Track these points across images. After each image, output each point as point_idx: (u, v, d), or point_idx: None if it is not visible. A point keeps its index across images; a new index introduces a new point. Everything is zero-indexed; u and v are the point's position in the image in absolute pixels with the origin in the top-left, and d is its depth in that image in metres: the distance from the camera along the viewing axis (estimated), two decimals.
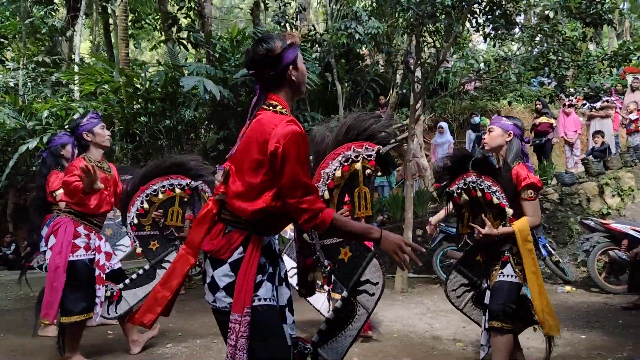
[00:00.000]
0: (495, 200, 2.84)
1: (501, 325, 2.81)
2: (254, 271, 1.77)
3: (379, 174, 2.44)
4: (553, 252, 6.67)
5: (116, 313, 3.62)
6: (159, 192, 3.69)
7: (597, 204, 7.61)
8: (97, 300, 3.43)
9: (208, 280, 1.83)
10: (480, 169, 2.90)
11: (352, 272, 2.32)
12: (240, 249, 1.79)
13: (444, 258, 6.88)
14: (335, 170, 2.32)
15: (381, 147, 2.34)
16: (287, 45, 1.83)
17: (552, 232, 7.56)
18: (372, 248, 2.36)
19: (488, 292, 3.00)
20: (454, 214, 3.19)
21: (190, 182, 3.73)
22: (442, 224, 7.10)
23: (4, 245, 12.57)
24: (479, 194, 2.88)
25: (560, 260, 6.73)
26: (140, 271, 3.75)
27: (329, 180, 2.33)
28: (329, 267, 2.30)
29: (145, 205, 3.67)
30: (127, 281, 3.70)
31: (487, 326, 2.92)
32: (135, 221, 3.68)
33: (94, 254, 3.48)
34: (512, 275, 2.86)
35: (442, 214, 3.54)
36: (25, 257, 4.85)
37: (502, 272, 2.90)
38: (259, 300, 1.78)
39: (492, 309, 2.86)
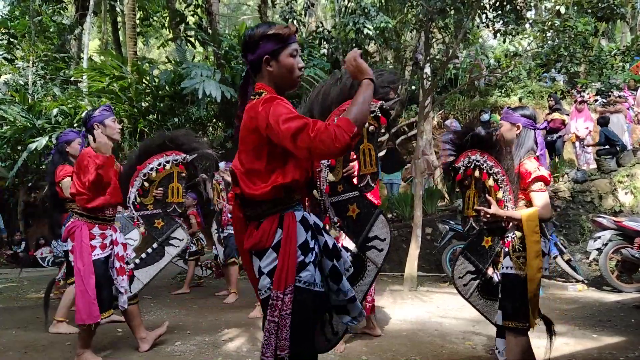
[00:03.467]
0: (490, 182, 2.80)
1: (516, 325, 2.76)
2: (294, 247, 1.75)
3: (382, 130, 2.42)
4: (564, 250, 6.60)
5: (131, 292, 3.63)
6: (155, 171, 3.71)
7: (609, 202, 7.51)
8: (121, 289, 3.47)
9: (257, 274, 1.84)
10: (481, 146, 2.87)
11: (361, 229, 2.34)
12: (279, 231, 1.79)
13: (454, 256, 6.83)
14: None
15: (384, 102, 2.31)
16: (267, 34, 1.82)
17: (564, 230, 7.48)
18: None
19: (496, 278, 2.95)
20: (461, 194, 3.15)
21: (185, 157, 3.75)
22: (451, 222, 7.06)
23: (15, 243, 12.71)
24: (477, 173, 2.85)
25: (572, 259, 6.66)
26: (149, 250, 3.77)
27: None
28: (338, 224, 2.32)
29: (145, 184, 3.68)
30: (137, 260, 3.72)
31: (499, 323, 2.87)
32: (138, 200, 3.69)
33: (111, 250, 3.49)
34: (510, 267, 2.78)
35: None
36: (34, 247, 4.94)
37: (502, 264, 2.85)
38: (300, 282, 1.75)
39: (505, 309, 2.81)
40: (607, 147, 8.28)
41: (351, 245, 2.41)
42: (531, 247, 2.69)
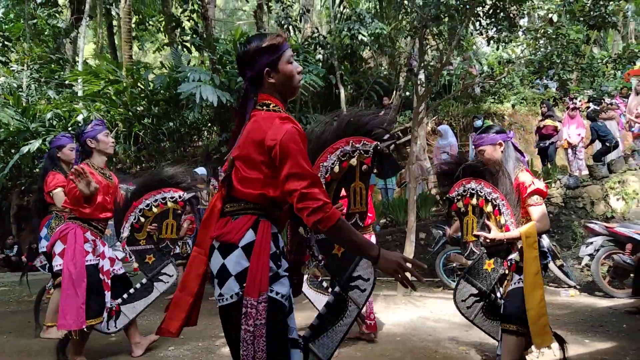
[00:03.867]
0: (489, 208, 2.82)
1: (517, 328, 2.78)
2: (267, 255, 1.71)
3: (375, 171, 2.36)
4: (557, 255, 6.64)
5: (116, 328, 3.61)
6: (152, 206, 3.70)
7: (601, 208, 7.58)
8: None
9: (216, 271, 1.74)
10: (477, 175, 2.89)
11: (345, 268, 2.31)
12: (251, 231, 1.74)
13: (447, 261, 6.86)
14: (333, 164, 2.28)
15: (379, 143, 2.29)
16: (261, 47, 1.82)
17: (556, 235, 7.53)
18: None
19: (501, 301, 2.97)
20: (454, 218, 3.17)
21: (183, 195, 3.75)
22: (444, 227, 7.09)
23: (7, 247, 12.61)
24: (474, 201, 2.87)
25: (564, 264, 6.70)
26: (138, 285, 3.75)
27: (327, 175, 2.29)
28: (322, 262, 2.27)
29: (141, 220, 3.68)
30: (125, 296, 3.68)
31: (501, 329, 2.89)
32: (127, 235, 3.66)
33: (99, 260, 3.49)
34: (520, 280, 2.83)
35: (456, 226, 3.50)
36: (28, 257, 4.88)
37: (513, 282, 2.88)
38: (273, 293, 1.71)
39: (509, 312, 2.83)
40: (600, 148, 8.39)
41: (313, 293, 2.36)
42: (529, 265, 2.73)
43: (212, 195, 5.89)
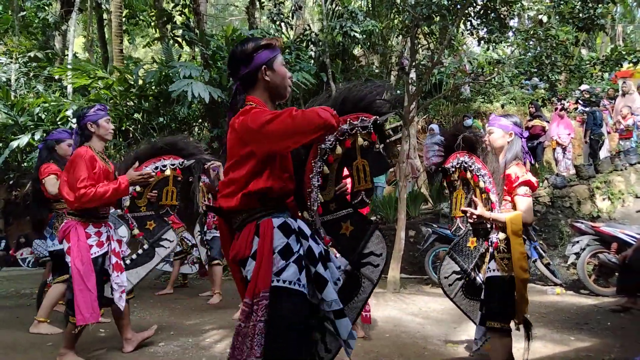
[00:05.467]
0: (481, 184, 2.84)
1: (500, 325, 2.82)
2: (269, 253, 1.78)
3: (377, 146, 2.27)
4: (544, 254, 6.74)
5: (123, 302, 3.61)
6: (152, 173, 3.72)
7: (587, 207, 7.69)
8: (115, 286, 3.43)
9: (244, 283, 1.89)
10: (470, 148, 2.92)
11: (355, 246, 2.29)
12: (256, 239, 1.83)
13: (436, 259, 6.93)
14: (332, 145, 2.22)
15: (378, 117, 2.22)
16: (260, 45, 1.88)
17: (543, 234, 7.63)
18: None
19: (480, 279, 3.02)
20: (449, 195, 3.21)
21: (182, 162, 3.78)
22: (434, 225, 7.16)
23: None
24: (469, 175, 2.89)
25: (551, 263, 6.80)
26: (140, 251, 3.79)
27: (327, 156, 2.22)
28: (330, 242, 2.25)
29: (138, 188, 3.69)
30: (127, 261, 3.72)
31: (482, 323, 2.94)
32: (128, 203, 3.70)
33: (108, 247, 3.44)
34: (496, 270, 2.84)
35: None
36: (16, 247, 4.88)
37: (489, 267, 2.91)
38: (279, 282, 1.77)
39: (490, 309, 2.87)
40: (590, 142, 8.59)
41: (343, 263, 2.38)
42: (516, 249, 2.74)
43: (201, 191, 5.85)
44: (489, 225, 2.95)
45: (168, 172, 3.76)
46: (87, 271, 3.26)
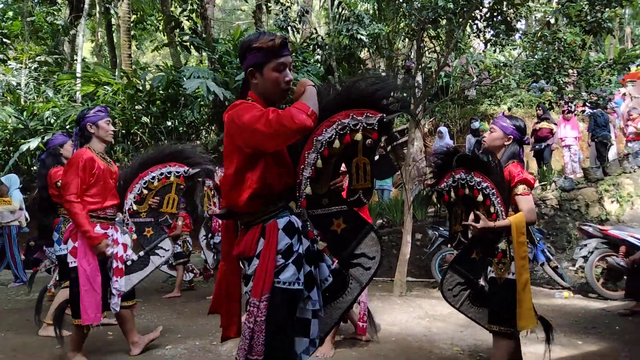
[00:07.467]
0: (480, 198, 2.82)
1: (499, 329, 2.82)
2: (273, 256, 1.82)
3: (382, 144, 2.13)
4: (551, 257, 6.70)
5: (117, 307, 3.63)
6: (156, 180, 3.75)
7: (595, 210, 7.64)
8: (114, 291, 3.45)
9: (242, 279, 1.96)
10: (467, 165, 2.90)
11: (345, 245, 2.19)
12: (262, 240, 1.87)
13: (443, 262, 6.91)
14: (331, 139, 2.08)
15: (384, 115, 2.06)
16: (252, 46, 1.86)
17: (551, 237, 7.59)
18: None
19: (486, 287, 3.01)
20: (447, 213, 3.18)
21: (187, 170, 3.80)
22: (440, 228, 7.14)
23: None
24: (467, 191, 2.88)
25: (559, 266, 6.76)
26: (135, 257, 3.77)
27: (323, 149, 2.09)
28: (319, 238, 2.14)
29: (144, 192, 3.72)
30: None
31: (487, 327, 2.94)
32: (134, 207, 3.71)
33: (113, 248, 3.47)
34: (492, 272, 2.88)
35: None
36: (34, 262, 4.89)
37: (490, 269, 2.92)
38: (279, 283, 1.83)
39: (491, 313, 2.87)
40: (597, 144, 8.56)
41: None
42: (518, 248, 2.75)
43: (206, 195, 5.86)
44: (491, 237, 2.93)
45: (172, 178, 3.77)
46: (93, 272, 3.29)
